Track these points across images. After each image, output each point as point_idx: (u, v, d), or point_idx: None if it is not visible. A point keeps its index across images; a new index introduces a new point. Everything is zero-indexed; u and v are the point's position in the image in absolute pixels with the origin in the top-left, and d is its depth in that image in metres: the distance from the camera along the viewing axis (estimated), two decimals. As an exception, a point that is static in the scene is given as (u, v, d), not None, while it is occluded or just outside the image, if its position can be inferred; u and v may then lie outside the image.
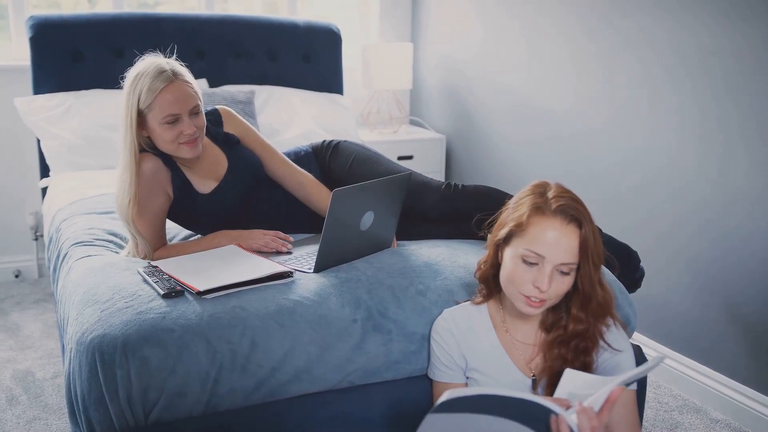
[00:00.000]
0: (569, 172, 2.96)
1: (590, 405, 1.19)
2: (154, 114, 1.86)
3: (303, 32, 3.54)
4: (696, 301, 2.49)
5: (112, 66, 3.03)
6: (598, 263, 1.42)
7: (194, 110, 1.90)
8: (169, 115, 1.85)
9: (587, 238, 1.38)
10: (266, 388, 1.56)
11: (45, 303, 3.19)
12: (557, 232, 1.37)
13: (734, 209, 2.33)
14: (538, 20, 3.14)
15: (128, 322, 1.51)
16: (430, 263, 1.82)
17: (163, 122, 1.86)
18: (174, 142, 1.89)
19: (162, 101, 1.85)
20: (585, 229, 1.38)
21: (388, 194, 1.84)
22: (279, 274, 1.70)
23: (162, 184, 1.94)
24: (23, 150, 3.37)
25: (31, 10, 3.40)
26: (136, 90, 1.86)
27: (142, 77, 1.86)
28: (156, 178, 1.92)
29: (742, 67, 2.28)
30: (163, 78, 1.85)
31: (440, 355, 1.58)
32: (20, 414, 2.31)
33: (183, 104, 1.87)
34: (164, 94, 1.85)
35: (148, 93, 1.84)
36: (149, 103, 1.85)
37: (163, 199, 1.96)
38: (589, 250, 1.38)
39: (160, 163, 1.94)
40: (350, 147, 2.25)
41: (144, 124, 1.89)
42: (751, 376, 2.33)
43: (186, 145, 1.90)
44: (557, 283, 1.40)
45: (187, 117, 1.88)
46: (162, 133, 1.88)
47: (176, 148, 1.90)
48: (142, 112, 1.87)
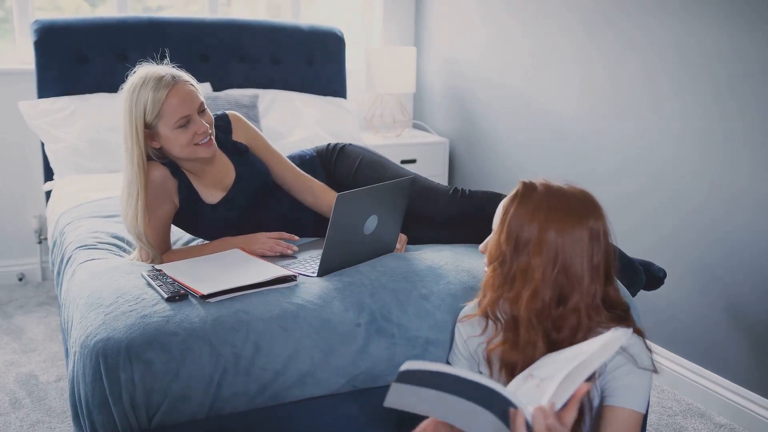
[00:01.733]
0: (572, 174, 2.96)
1: (553, 401, 1.15)
2: (164, 122, 1.85)
3: (306, 36, 3.55)
4: (699, 304, 2.49)
5: (117, 70, 3.02)
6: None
7: (201, 108, 1.90)
8: (181, 118, 1.85)
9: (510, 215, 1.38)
10: (270, 392, 1.56)
11: (48, 306, 3.20)
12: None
13: (737, 211, 2.33)
14: (542, 23, 3.14)
15: (132, 325, 1.51)
16: (434, 267, 1.82)
17: (176, 127, 1.85)
18: (190, 144, 1.88)
19: (170, 107, 1.84)
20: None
21: (392, 198, 1.84)
22: (283, 277, 1.70)
23: (168, 193, 1.94)
24: (27, 153, 3.37)
25: (35, 14, 3.41)
26: (138, 103, 1.84)
27: (141, 90, 1.83)
28: (163, 187, 1.92)
29: (745, 69, 2.27)
30: (165, 84, 1.84)
31: (458, 343, 1.59)
32: (24, 417, 2.31)
33: (191, 104, 1.87)
34: (170, 99, 1.84)
35: (154, 103, 1.83)
36: (157, 112, 1.84)
37: (169, 208, 1.96)
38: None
39: (167, 173, 1.94)
40: (356, 150, 2.25)
41: (155, 136, 1.88)
42: (755, 380, 2.33)
43: (202, 145, 1.90)
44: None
45: (196, 116, 1.88)
46: (177, 138, 1.87)
47: (193, 150, 1.90)
48: (150, 124, 1.86)
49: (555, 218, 1.34)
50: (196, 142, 1.89)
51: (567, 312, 1.35)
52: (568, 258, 1.33)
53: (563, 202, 1.36)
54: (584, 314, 1.35)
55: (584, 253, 1.34)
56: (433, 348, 1.66)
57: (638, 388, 1.36)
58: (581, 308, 1.35)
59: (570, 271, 1.34)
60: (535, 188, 1.39)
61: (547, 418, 1.13)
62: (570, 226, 1.34)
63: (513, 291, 1.36)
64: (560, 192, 1.38)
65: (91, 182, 2.74)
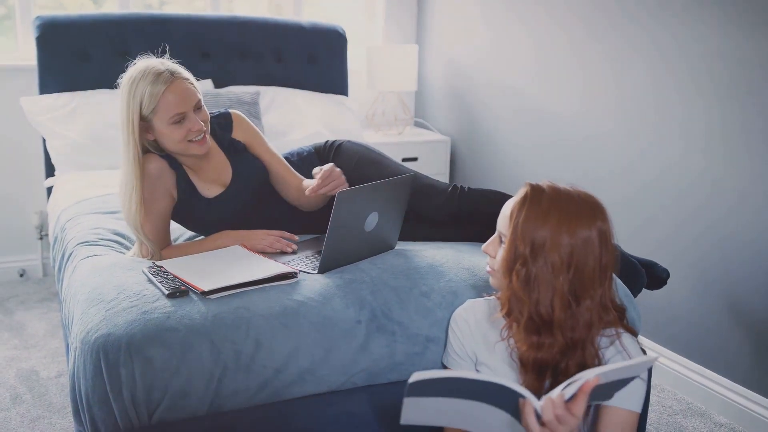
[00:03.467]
0: (574, 175, 2.96)
1: (561, 394, 1.17)
2: (159, 117, 1.86)
3: (308, 33, 3.55)
4: (700, 304, 2.49)
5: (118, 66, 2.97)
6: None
7: (197, 105, 1.91)
8: (175, 115, 1.86)
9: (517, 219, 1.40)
10: (270, 389, 1.56)
11: (49, 302, 3.20)
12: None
13: (738, 212, 2.33)
14: (544, 23, 3.14)
15: (133, 321, 1.52)
16: (435, 265, 1.82)
17: (171, 123, 1.86)
18: (183, 141, 1.89)
19: (166, 103, 1.85)
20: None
21: (393, 195, 1.84)
22: (283, 274, 1.70)
23: (167, 185, 1.95)
24: (28, 149, 3.37)
25: (37, 10, 3.41)
26: (135, 97, 1.84)
27: (139, 83, 1.84)
28: (161, 180, 1.93)
29: (747, 72, 2.27)
30: (163, 80, 1.84)
31: (454, 343, 1.58)
32: (24, 413, 2.31)
33: (187, 102, 1.87)
34: (167, 95, 1.85)
35: (150, 97, 1.84)
36: (153, 107, 1.85)
37: (168, 201, 1.96)
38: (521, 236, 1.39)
39: (165, 165, 1.94)
40: (353, 148, 2.25)
41: (150, 129, 1.89)
42: (755, 379, 2.33)
43: (195, 142, 1.91)
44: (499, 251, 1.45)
45: (192, 113, 1.89)
46: (171, 134, 1.88)
47: (185, 146, 1.91)
48: (145, 117, 1.87)
49: (567, 220, 1.35)
50: (189, 139, 1.90)
51: (582, 311, 1.37)
52: (581, 259, 1.35)
53: (573, 204, 1.38)
54: (595, 313, 1.38)
55: (595, 254, 1.36)
56: (433, 345, 1.66)
57: (634, 388, 1.38)
58: (593, 308, 1.37)
59: (583, 272, 1.36)
60: (543, 191, 1.40)
61: (556, 408, 1.16)
62: (581, 227, 1.36)
63: (535, 294, 1.37)
64: (568, 194, 1.40)
65: (92, 178, 2.74)
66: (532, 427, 1.17)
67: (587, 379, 1.17)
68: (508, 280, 1.40)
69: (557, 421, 1.17)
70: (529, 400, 1.15)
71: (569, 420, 1.17)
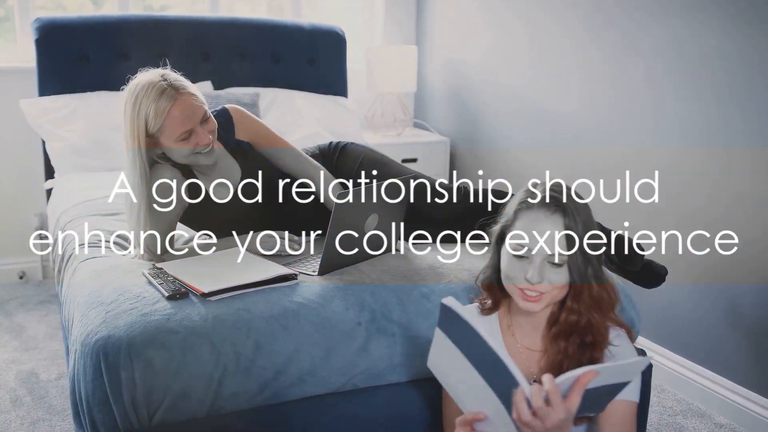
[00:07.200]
0: (573, 174, 2.96)
1: (556, 385, 1.17)
2: (167, 135, 1.84)
3: (308, 35, 3.55)
4: (699, 305, 2.49)
5: (118, 68, 3.04)
6: (589, 255, 1.41)
7: (204, 117, 1.88)
8: (183, 133, 1.84)
9: (570, 227, 1.38)
10: (270, 391, 1.56)
11: (49, 304, 3.20)
12: (540, 222, 1.38)
13: (737, 212, 2.33)
14: (543, 23, 3.14)
15: (133, 323, 1.52)
16: (435, 266, 1.82)
17: (178, 140, 1.85)
18: (191, 154, 1.88)
19: (172, 121, 1.82)
20: (568, 218, 1.38)
21: (393, 197, 1.84)
22: (283, 276, 1.70)
23: (179, 194, 1.94)
24: (28, 151, 3.37)
25: (36, 12, 3.41)
26: (140, 115, 1.81)
27: (142, 100, 1.80)
28: (173, 190, 1.91)
29: (746, 71, 2.27)
30: (166, 97, 1.80)
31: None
32: (24, 415, 2.31)
33: (193, 118, 1.85)
34: (172, 113, 1.81)
35: (156, 117, 1.80)
36: (159, 126, 1.82)
37: (179, 209, 1.96)
38: (576, 240, 1.38)
39: (176, 173, 1.93)
40: (358, 149, 2.25)
41: (156, 143, 1.87)
42: (755, 380, 2.33)
43: (203, 154, 1.90)
44: (551, 274, 1.39)
45: (199, 127, 1.86)
46: (179, 150, 1.87)
47: (194, 159, 1.90)
48: (152, 135, 1.84)
49: (580, 221, 1.39)
50: (197, 152, 1.88)
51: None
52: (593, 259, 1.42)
53: (581, 205, 1.43)
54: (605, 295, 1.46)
55: (600, 254, 1.43)
56: (433, 347, 1.67)
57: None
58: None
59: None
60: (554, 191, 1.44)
61: (542, 393, 1.16)
62: (591, 227, 1.41)
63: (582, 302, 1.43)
64: (571, 195, 1.44)
65: (92, 180, 2.74)
66: (522, 414, 1.16)
67: (583, 371, 1.17)
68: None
69: (546, 407, 1.16)
70: (523, 388, 1.15)
71: (559, 410, 1.16)
